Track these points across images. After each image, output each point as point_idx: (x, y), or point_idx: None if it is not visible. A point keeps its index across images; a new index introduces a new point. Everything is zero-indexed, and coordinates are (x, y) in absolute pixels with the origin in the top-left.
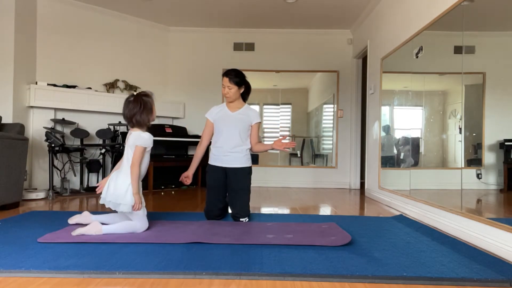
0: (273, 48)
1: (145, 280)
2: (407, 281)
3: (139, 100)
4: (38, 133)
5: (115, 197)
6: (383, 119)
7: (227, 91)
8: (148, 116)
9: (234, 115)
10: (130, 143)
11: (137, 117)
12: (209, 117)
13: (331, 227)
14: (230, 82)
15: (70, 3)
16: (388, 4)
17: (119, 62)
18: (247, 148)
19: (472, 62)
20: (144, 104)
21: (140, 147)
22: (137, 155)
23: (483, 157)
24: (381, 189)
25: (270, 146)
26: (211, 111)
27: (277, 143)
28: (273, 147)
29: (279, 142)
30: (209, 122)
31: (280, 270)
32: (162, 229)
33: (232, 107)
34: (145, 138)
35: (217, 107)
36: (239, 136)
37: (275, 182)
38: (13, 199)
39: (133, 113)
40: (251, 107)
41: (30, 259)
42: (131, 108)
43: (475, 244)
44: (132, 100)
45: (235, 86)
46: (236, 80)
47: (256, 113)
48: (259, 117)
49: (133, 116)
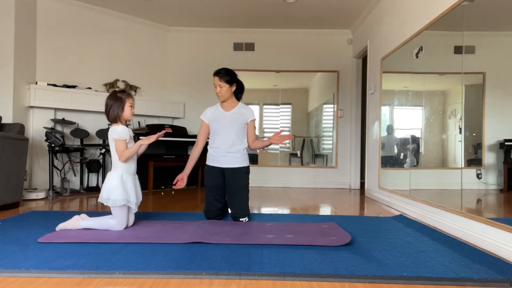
0: (273, 48)
1: (145, 280)
2: (407, 281)
3: (112, 96)
4: (38, 133)
5: (107, 192)
6: (383, 119)
7: (218, 90)
8: (118, 111)
9: (229, 114)
10: (109, 138)
11: (110, 112)
12: (204, 119)
13: (331, 227)
14: (221, 81)
15: (70, 3)
16: (388, 4)
17: (119, 62)
18: (244, 147)
19: (472, 62)
20: (115, 99)
21: (117, 140)
22: (119, 148)
23: (483, 157)
24: (381, 189)
25: (268, 141)
26: (206, 112)
27: (275, 137)
28: (271, 141)
29: (276, 136)
30: (204, 123)
31: (280, 270)
32: (162, 229)
33: (226, 106)
34: (118, 131)
35: (211, 108)
36: (235, 135)
37: (275, 182)
38: (13, 199)
39: (107, 108)
40: (245, 105)
41: (30, 259)
42: (106, 103)
43: (475, 244)
44: (108, 96)
45: (226, 84)
46: (226, 78)
47: (251, 111)
48: (254, 114)
49: (107, 111)
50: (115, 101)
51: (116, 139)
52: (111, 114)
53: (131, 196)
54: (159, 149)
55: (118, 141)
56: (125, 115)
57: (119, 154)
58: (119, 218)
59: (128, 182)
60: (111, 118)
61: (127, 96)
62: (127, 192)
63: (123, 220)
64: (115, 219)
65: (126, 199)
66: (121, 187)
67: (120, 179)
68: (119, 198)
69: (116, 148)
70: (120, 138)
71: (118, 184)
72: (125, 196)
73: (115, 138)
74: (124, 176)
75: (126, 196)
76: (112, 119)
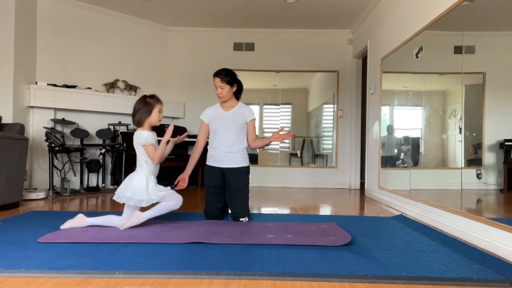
0: (273, 48)
1: (145, 280)
2: (407, 281)
3: (141, 100)
4: (38, 133)
5: (131, 192)
6: (383, 119)
7: (219, 91)
8: (144, 116)
9: (229, 114)
10: (134, 143)
11: (136, 116)
12: (204, 119)
13: (331, 227)
14: (222, 82)
15: (70, 3)
16: (388, 4)
17: (119, 62)
18: (244, 147)
19: (472, 62)
20: (144, 103)
21: (145, 145)
22: (149, 153)
23: (483, 157)
24: (381, 189)
25: (267, 140)
26: (205, 112)
27: (275, 135)
28: (271, 140)
29: (276, 135)
30: (204, 123)
31: (280, 270)
32: (162, 229)
33: (226, 106)
34: (144, 136)
35: (211, 108)
36: (235, 135)
37: (275, 182)
38: (13, 199)
39: (134, 111)
40: (245, 105)
41: (30, 259)
42: (134, 107)
43: (475, 244)
44: (138, 99)
45: (227, 85)
46: (227, 79)
47: (251, 110)
48: (253, 113)
49: (134, 114)
50: (144, 105)
51: (143, 145)
52: (136, 118)
53: (152, 198)
54: None
55: (146, 146)
56: (152, 120)
57: (151, 158)
58: (127, 216)
59: (151, 184)
60: (135, 121)
61: (156, 102)
62: (149, 194)
63: (128, 217)
64: (124, 217)
65: (147, 201)
66: (146, 189)
67: (146, 181)
68: (142, 199)
69: (147, 154)
70: (146, 143)
71: (143, 185)
72: (147, 198)
73: (141, 143)
74: (149, 178)
75: (148, 198)
76: (136, 123)
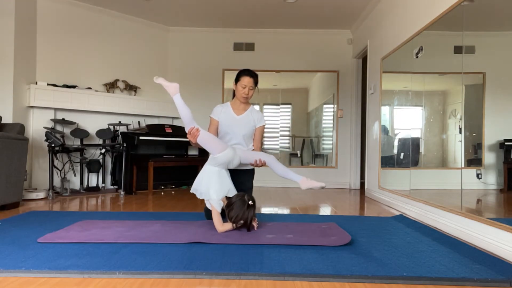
0: (273, 48)
1: (145, 280)
2: (407, 281)
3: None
4: (38, 133)
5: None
6: (383, 119)
7: (248, 92)
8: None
9: (240, 118)
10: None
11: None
12: (214, 116)
13: (331, 227)
14: (254, 83)
15: (70, 3)
16: (388, 4)
17: (119, 62)
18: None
19: (472, 62)
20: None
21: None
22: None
23: (483, 157)
24: (381, 189)
25: (254, 163)
26: (215, 110)
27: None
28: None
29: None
30: (214, 120)
31: (280, 270)
32: (162, 229)
33: (238, 108)
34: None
35: (220, 106)
36: (242, 140)
37: (275, 182)
38: (13, 199)
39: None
40: (256, 110)
41: (30, 259)
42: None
43: (475, 244)
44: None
45: (255, 87)
46: (257, 81)
47: (261, 116)
48: (264, 120)
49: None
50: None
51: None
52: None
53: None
54: (159, 149)
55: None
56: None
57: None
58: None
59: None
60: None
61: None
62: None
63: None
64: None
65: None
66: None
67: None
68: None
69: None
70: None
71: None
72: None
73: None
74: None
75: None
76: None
